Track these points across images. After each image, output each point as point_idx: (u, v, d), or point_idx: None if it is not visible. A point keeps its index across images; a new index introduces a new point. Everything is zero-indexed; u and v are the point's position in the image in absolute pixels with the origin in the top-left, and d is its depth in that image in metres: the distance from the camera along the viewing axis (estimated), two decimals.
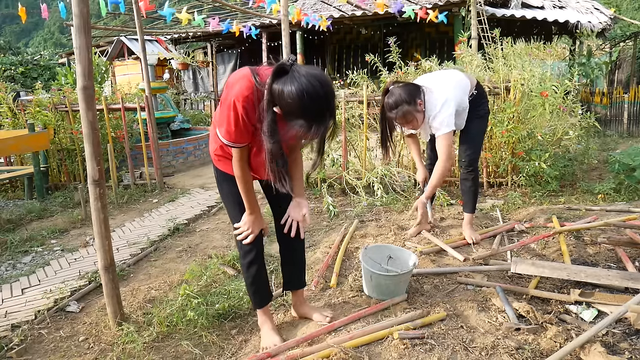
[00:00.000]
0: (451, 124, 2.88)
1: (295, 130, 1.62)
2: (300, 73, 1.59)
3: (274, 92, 1.62)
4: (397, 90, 2.81)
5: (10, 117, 6.21)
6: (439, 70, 3.34)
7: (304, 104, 1.57)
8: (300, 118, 1.59)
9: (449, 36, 10.69)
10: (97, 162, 2.43)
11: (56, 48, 36.64)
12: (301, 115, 1.59)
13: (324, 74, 1.65)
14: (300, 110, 1.58)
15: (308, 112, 1.59)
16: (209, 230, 4.30)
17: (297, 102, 1.57)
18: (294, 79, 1.58)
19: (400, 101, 2.78)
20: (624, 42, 12.39)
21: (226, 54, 13.35)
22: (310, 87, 1.56)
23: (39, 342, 2.53)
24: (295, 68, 1.62)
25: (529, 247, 3.12)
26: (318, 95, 1.57)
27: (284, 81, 1.60)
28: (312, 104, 1.57)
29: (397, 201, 4.46)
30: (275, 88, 1.61)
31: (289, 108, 1.60)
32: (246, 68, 1.82)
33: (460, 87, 3.03)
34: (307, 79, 1.58)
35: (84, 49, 2.32)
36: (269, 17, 9.51)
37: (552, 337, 1.99)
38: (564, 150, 5.17)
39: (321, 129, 1.62)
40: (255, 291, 2.24)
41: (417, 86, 2.87)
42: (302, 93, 1.56)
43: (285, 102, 1.59)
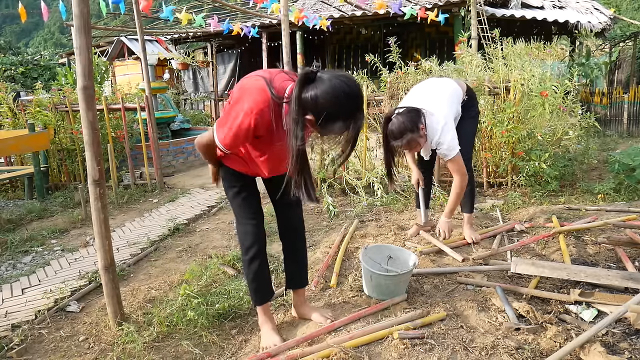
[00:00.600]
0: (457, 145, 2.89)
1: (333, 133, 1.67)
2: (328, 77, 1.63)
3: (304, 101, 1.63)
4: (399, 119, 2.75)
5: (11, 117, 6.21)
6: (432, 80, 3.31)
7: (341, 104, 1.60)
8: (339, 119, 1.63)
9: (449, 36, 10.69)
10: (97, 162, 2.43)
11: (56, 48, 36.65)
12: (339, 115, 1.62)
13: (348, 73, 1.70)
14: (339, 110, 1.61)
15: (346, 110, 1.62)
16: (209, 230, 4.30)
17: (335, 102, 1.59)
18: (324, 83, 1.61)
19: (404, 129, 2.73)
20: (624, 42, 12.39)
21: (226, 54, 13.35)
22: (345, 87, 1.60)
23: (39, 342, 2.53)
24: (321, 74, 1.65)
25: (529, 247, 3.12)
26: (354, 93, 1.62)
27: (314, 87, 1.62)
28: (350, 101, 1.61)
29: (397, 201, 4.46)
30: (307, 96, 1.63)
31: (325, 111, 1.61)
32: (261, 79, 1.79)
33: (454, 99, 3.05)
34: (339, 80, 1.61)
35: (84, 49, 2.32)
36: (269, 17, 9.51)
37: (552, 337, 1.99)
38: (564, 150, 5.18)
39: (358, 126, 1.65)
40: (257, 288, 2.24)
41: (418, 111, 2.80)
42: (340, 93, 1.59)
43: (321, 107, 1.61)
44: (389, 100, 5.00)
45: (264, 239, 2.21)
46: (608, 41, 12.27)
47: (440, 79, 3.31)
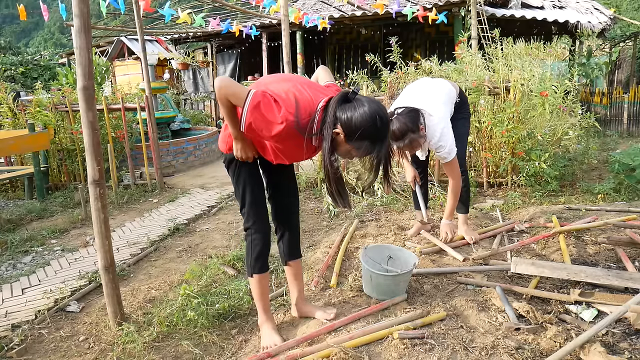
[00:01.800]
0: (455, 149, 2.90)
1: (357, 151, 1.79)
2: (366, 99, 1.78)
3: (339, 117, 1.76)
4: (400, 119, 2.72)
5: (11, 117, 6.21)
6: (425, 80, 3.31)
7: (375, 126, 1.73)
8: (367, 139, 1.75)
9: (449, 36, 10.68)
10: (97, 162, 2.43)
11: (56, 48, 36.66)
12: (368, 136, 1.74)
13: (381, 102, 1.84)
14: (370, 131, 1.73)
15: (377, 134, 1.75)
16: (209, 230, 4.30)
17: (370, 123, 1.72)
18: (362, 103, 1.75)
19: (406, 130, 2.70)
20: (624, 42, 12.39)
21: (226, 54, 13.35)
22: (381, 111, 1.75)
23: (39, 342, 2.53)
24: (358, 97, 1.79)
25: (529, 247, 3.12)
26: (387, 120, 1.77)
27: (352, 106, 1.75)
28: (383, 127, 1.75)
29: (397, 201, 4.46)
30: (342, 113, 1.76)
31: (356, 129, 1.73)
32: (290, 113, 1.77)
33: (449, 99, 3.06)
34: (376, 104, 1.76)
35: (84, 49, 2.32)
36: (269, 17, 9.50)
37: (552, 337, 1.99)
38: (564, 150, 5.18)
39: (383, 150, 1.78)
40: (258, 256, 2.22)
41: (418, 111, 2.78)
42: (375, 116, 1.73)
43: (355, 124, 1.73)
44: (389, 100, 5.00)
45: (266, 215, 2.24)
46: (608, 41, 12.26)
47: (434, 79, 3.31)
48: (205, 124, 10.86)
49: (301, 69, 9.29)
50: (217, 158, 7.98)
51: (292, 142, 1.87)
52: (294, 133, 1.80)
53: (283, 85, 1.89)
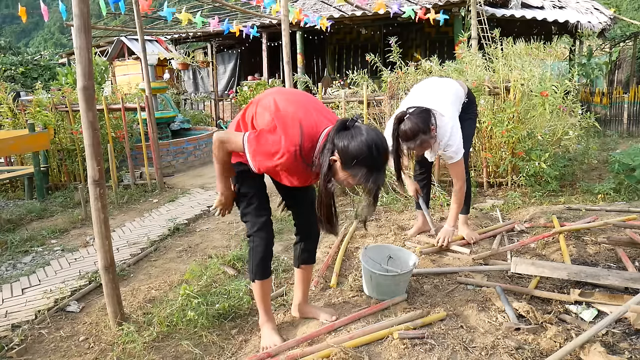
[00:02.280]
0: (462, 149, 2.89)
1: (353, 179, 1.79)
2: (365, 127, 1.78)
3: (337, 144, 1.77)
4: (412, 120, 2.67)
5: (11, 117, 6.21)
6: (433, 79, 3.28)
7: (371, 154, 1.73)
8: (363, 167, 1.75)
9: (449, 36, 10.68)
10: (97, 162, 2.43)
11: (56, 48, 36.66)
12: (364, 164, 1.74)
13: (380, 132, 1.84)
14: (366, 159, 1.73)
15: (372, 162, 1.75)
16: (209, 230, 4.30)
17: (366, 152, 1.72)
18: (360, 133, 1.75)
19: (418, 130, 2.65)
20: (624, 42, 12.39)
21: (226, 54, 13.35)
22: (378, 141, 1.76)
23: (39, 342, 2.53)
24: (357, 124, 1.80)
25: (529, 247, 3.12)
26: (384, 149, 1.77)
27: (349, 135, 1.76)
28: (379, 155, 1.75)
29: (397, 201, 4.46)
30: (339, 141, 1.77)
31: (353, 157, 1.74)
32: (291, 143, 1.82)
33: (457, 99, 3.04)
34: (375, 133, 1.77)
35: (84, 49, 2.32)
36: (269, 17, 9.50)
37: (552, 337, 1.99)
38: (564, 150, 5.17)
39: (379, 179, 1.78)
40: (260, 262, 2.22)
41: (429, 111, 2.73)
42: (372, 144, 1.73)
43: (351, 153, 1.74)
44: (389, 100, 5.00)
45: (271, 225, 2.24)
46: (608, 41, 12.26)
47: (442, 79, 3.30)
48: (205, 124, 10.86)
49: (301, 69, 9.30)
50: None
51: (298, 167, 1.91)
52: (299, 160, 1.86)
53: (290, 108, 1.91)
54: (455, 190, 3.03)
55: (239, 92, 10.33)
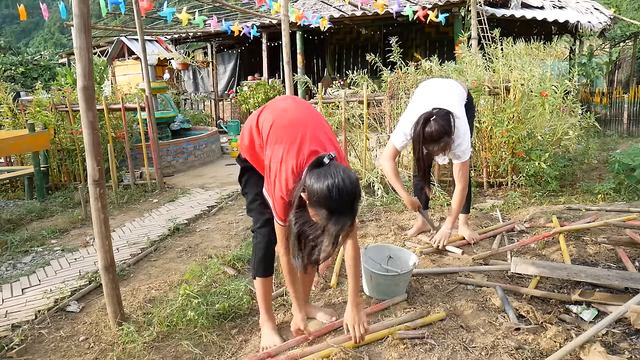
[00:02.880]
0: (470, 149, 2.89)
1: (317, 218, 1.73)
2: (336, 169, 1.72)
3: (306, 181, 1.75)
4: (438, 122, 2.65)
5: (11, 117, 6.21)
6: (437, 80, 3.28)
7: (332, 198, 1.67)
8: (323, 208, 1.70)
9: (449, 36, 10.69)
10: (97, 162, 2.43)
11: (56, 48, 36.65)
12: (326, 206, 1.69)
13: (356, 177, 1.77)
14: (326, 201, 1.68)
15: (331, 204, 1.68)
16: (209, 230, 4.30)
17: (326, 193, 1.67)
18: (329, 172, 1.70)
19: (443, 133, 2.65)
20: (624, 42, 12.39)
21: (226, 54, 13.35)
22: (341, 184, 1.68)
23: (39, 342, 2.53)
24: (333, 163, 1.75)
25: (529, 247, 3.12)
26: (345, 192, 1.68)
27: (318, 173, 1.72)
28: (339, 199, 1.68)
29: (397, 201, 4.46)
30: (309, 178, 1.74)
31: (316, 197, 1.70)
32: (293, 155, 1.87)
33: (461, 100, 3.04)
34: (342, 176, 1.70)
35: (84, 49, 2.32)
36: (269, 17, 9.50)
37: (552, 337, 1.99)
38: (564, 150, 5.17)
39: (339, 224, 1.69)
40: (261, 260, 2.23)
41: (451, 114, 2.73)
42: (333, 188, 1.67)
43: (315, 192, 1.70)
44: (389, 100, 5.00)
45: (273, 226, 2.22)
46: (608, 41, 12.27)
47: (444, 80, 3.29)
48: (205, 124, 10.87)
49: (301, 69, 9.30)
50: (217, 158, 7.98)
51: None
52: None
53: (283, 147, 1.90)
54: (458, 190, 3.01)
55: (239, 92, 10.35)
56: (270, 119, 2.01)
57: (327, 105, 5.20)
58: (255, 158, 2.15)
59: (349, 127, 5.13)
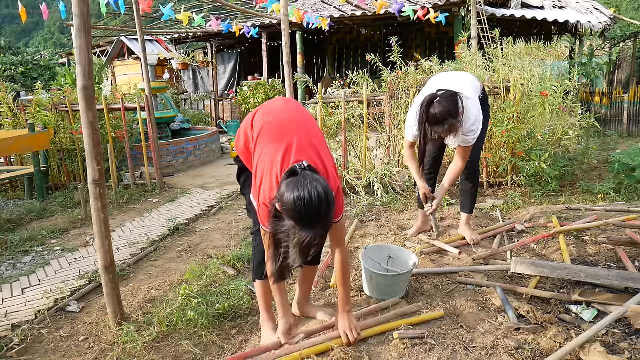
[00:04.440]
0: (479, 133, 2.87)
1: (286, 228, 1.72)
2: (306, 181, 1.69)
3: (280, 190, 1.75)
4: (442, 104, 2.64)
5: (11, 117, 6.21)
6: (450, 72, 3.26)
7: (297, 210, 1.66)
8: (291, 219, 1.69)
9: (449, 36, 10.69)
10: (97, 162, 2.43)
11: (56, 48, 36.63)
12: (291, 217, 1.69)
13: (327, 188, 1.73)
14: (293, 214, 1.68)
15: (297, 217, 1.67)
16: (209, 230, 4.30)
17: (292, 206, 1.67)
18: (298, 184, 1.69)
19: (447, 115, 2.62)
20: (624, 42, 12.39)
21: (226, 54, 13.35)
22: (308, 198, 1.66)
23: (39, 342, 2.53)
24: (304, 175, 1.73)
25: (529, 247, 3.12)
26: (313, 208, 1.66)
27: (289, 183, 1.72)
28: (306, 213, 1.66)
29: (397, 201, 4.46)
30: (281, 188, 1.74)
31: (285, 206, 1.70)
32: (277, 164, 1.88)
33: (475, 90, 3.02)
34: (309, 189, 1.67)
35: (84, 49, 2.32)
36: (269, 17, 9.51)
37: (552, 337, 1.99)
38: (564, 150, 5.17)
39: (305, 237, 1.67)
40: (260, 263, 2.23)
41: (457, 95, 2.70)
42: (299, 200, 1.66)
43: (284, 202, 1.70)
44: (389, 100, 5.00)
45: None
46: (608, 41, 12.26)
47: (457, 72, 3.27)
48: (205, 124, 10.87)
49: (301, 69, 9.30)
50: (217, 158, 7.98)
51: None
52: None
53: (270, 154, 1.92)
54: (456, 166, 2.99)
55: (239, 92, 10.35)
56: (261, 122, 2.03)
57: (327, 105, 5.20)
58: (249, 160, 2.16)
59: (349, 127, 5.13)
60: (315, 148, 1.96)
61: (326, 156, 2.00)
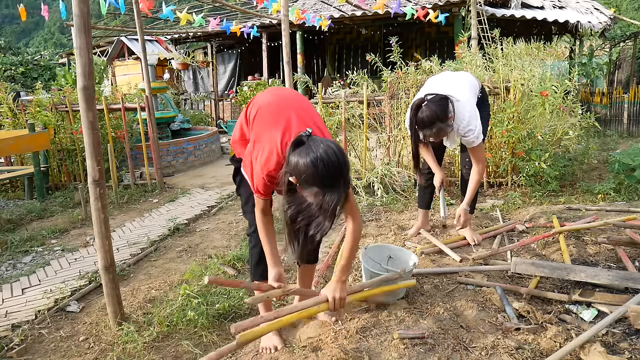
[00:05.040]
0: (482, 134, 2.87)
1: (311, 197, 1.68)
2: (316, 143, 1.68)
3: (290, 163, 1.71)
4: (430, 107, 2.68)
5: (11, 117, 6.21)
6: (447, 72, 3.29)
7: (318, 172, 1.64)
8: (315, 185, 1.66)
9: (449, 36, 10.69)
10: (97, 162, 2.43)
11: (56, 48, 36.63)
12: (315, 182, 1.65)
13: (339, 145, 1.73)
14: (314, 177, 1.64)
15: (322, 179, 1.65)
16: (209, 230, 4.30)
17: (312, 169, 1.64)
18: (310, 148, 1.67)
19: (435, 119, 2.67)
20: (624, 42, 12.39)
21: (226, 54, 13.35)
22: (325, 156, 1.64)
23: (39, 342, 2.53)
24: (312, 139, 1.71)
25: (529, 247, 3.12)
26: (332, 164, 1.65)
27: (300, 151, 1.68)
28: (326, 172, 1.64)
29: (397, 201, 4.46)
30: (292, 159, 1.70)
31: (304, 176, 1.66)
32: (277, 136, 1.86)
33: (472, 88, 3.03)
34: (324, 148, 1.66)
35: (84, 49, 2.32)
36: (269, 17, 9.50)
37: (552, 337, 1.99)
38: (564, 150, 5.17)
39: (334, 197, 1.66)
40: (257, 264, 2.23)
41: (447, 98, 2.75)
42: (317, 161, 1.64)
43: (301, 170, 1.66)
44: (389, 100, 5.00)
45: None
46: (608, 41, 12.26)
47: (455, 72, 3.29)
48: (205, 124, 10.87)
49: (301, 69, 9.30)
50: (217, 158, 7.98)
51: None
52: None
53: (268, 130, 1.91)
54: (475, 171, 2.99)
55: (239, 92, 10.34)
56: (257, 106, 2.02)
57: (327, 105, 5.20)
58: (243, 152, 2.14)
59: (349, 127, 5.13)
60: (315, 123, 1.96)
61: (327, 132, 1.99)
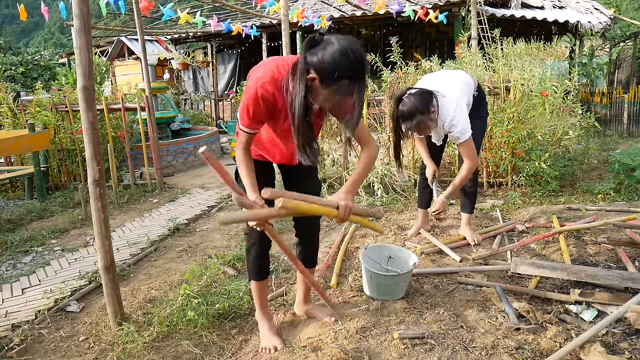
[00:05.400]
0: (469, 129, 2.86)
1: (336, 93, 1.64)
2: (335, 38, 1.63)
3: (310, 62, 1.64)
4: (411, 100, 2.71)
5: (11, 117, 6.21)
6: (443, 70, 3.29)
7: (348, 62, 1.60)
8: (344, 78, 1.61)
9: (449, 36, 10.69)
10: (97, 162, 2.43)
11: (56, 48, 36.65)
12: (344, 73, 1.60)
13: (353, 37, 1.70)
14: (344, 68, 1.60)
15: (352, 69, 1.61)
16: (209, 230, 4.30)
17: (341, 59, 1.59)
18: (332, 43, 1.62)
19: (415, 111, 2.68)
20: (624, 42, 12.40)
21: (226, 54, 13.35)
22: (353, 46, 1.61)
23: (39, 342, 2.53)
24: (328, 36, 1.65)
25: (529, 247, 3.12)
26: (360, 54, 1.62)
27: (322, 47, 1.63)
28: (356, 61, 1.61)
29: (397, 201, 4.46)
30: (312, 57, 1.64)
31: (331, 70, 1.60)
32: (272, 62, 1.85)
33: (466, 87, 3.02)
34: (347, 40, 1.62)
35: (84, 49, 2.32)
36: (269, 17, 9.50)
37: (552, 337, 1.99)
38: (564, 150, 5.17)
39: (363, 87, 1.65)
40: (254, 264, 2.23)
41: (430, 93, 2.77)
42: (347, 50, 1.59)
43: (328, 64, 1.60)
44: (389, 100, 5.00)
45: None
46: (608, 41, 12.27)
47: (452, 71, 3.29)
48: (205, 124, 10.88)
49: None
50: (216, 158, 7.97)
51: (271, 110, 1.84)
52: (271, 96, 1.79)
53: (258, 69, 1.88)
54: (463, 167, 2.95)
55: (239, 92, 10.35)
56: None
57: None
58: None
59: None
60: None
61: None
